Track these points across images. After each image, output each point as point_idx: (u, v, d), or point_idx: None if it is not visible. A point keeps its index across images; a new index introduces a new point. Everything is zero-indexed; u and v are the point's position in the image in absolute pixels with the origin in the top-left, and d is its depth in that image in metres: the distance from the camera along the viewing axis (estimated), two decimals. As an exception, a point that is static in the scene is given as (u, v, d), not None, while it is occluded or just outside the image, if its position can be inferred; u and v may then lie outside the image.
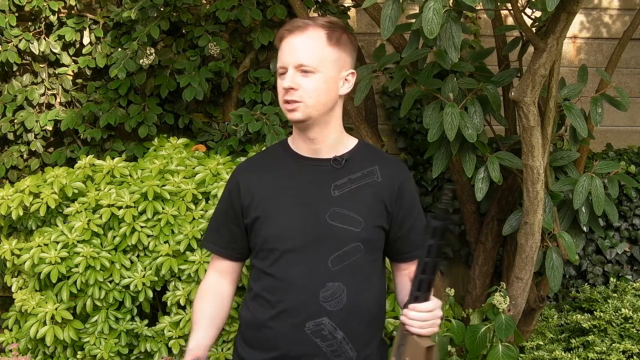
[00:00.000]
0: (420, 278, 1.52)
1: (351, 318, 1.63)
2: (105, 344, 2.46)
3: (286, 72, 1.62)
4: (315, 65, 1.60)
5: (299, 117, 1.62)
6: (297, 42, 1.61)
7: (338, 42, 1.64)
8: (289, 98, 1.61)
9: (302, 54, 1.60)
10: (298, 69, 1.60)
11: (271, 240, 1.65)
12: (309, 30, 1.62)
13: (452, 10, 2.20)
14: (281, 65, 1.63)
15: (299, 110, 1.62)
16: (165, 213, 2.52)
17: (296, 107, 1.61)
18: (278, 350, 1.64)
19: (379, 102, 3.61)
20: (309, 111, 1.62)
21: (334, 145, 1.69)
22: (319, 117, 1.64)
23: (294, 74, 1.60)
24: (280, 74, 1.64)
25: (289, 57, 1.62)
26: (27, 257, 2.46)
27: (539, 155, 2.44)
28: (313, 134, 1.66)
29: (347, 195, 1.65)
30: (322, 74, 1.61)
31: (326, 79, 1.62)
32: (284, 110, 1.66)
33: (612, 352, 2.73)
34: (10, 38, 3.23)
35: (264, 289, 1.66)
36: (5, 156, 3.29)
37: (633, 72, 3.89)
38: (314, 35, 1.61)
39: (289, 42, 1.62)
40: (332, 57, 1.63)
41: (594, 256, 3.50)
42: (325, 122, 1.66)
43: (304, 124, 1.65)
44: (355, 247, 1.63)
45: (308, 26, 1.62)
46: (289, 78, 1.60)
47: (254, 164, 1.78)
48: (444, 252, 3.13)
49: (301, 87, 1.60)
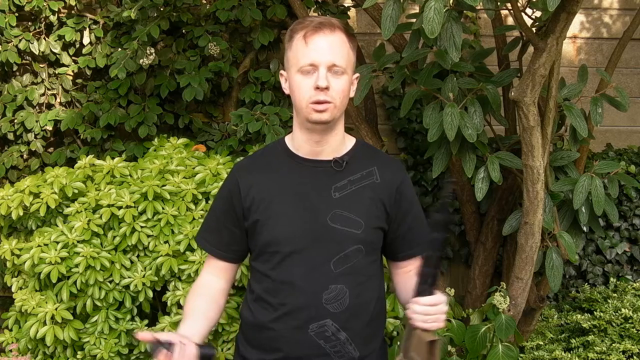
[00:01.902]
0: (425, 271, 1.52)
1: (354, 319, 1.63)
2: (105, 344, 2.46)
3: (315, 71, 1.57)
4: (345, 67, 1.60)
5: (326, 118, 1.60)
6: (329, 41, 1.58)
7: (353, 45, 1.65)
8: (321, 98, 1.57)
9: (335, 54, 1.58)
10: (330, 69, 1.58)
11: (273, 243, 1.64)
12: (337, 31, 1.60)
13: (452, 10, 2.20)
14: (311, 63, 1.57)
15: (328, 111, 1.59)
16: (165, 213, 2.52)
17: (326, 108, 1.59)
18: (281, 352, 1.64)
19: (379, 102, 3.61)
20: (336, 112, 1.61)
21: (336, 147, 1.68)
22: (337, 120, 1.64)
23: (326, 73, 1.58)
24: (306, 71, 1.58)
25: (321, 55, 1.57)
26: (27, 257, 2.46)
27: (539, 155, 2.44)
28: (323, 136, 1.65)
29: (348, 197, 1.65)
30: (347, 75, 1.61)
31: (349, 81, 1.63)
32: (307, 110, 1.59)
33: (612, 352, 2.73)
34: (10, 38, 3.23)
35: (266, 291, 1.66)
36: (5, 156, 3.29)
37: (633, 72, 3.89)
38: (341, 37, 1.61)
39: (318, 40, 1.58)
40: (352, 60, 1.64)
41: (594, 256, 3.50)
42: (336, 125, 1.66)
43: (324, 126, 1.62)
44: (356, 249, 1.64)
45: (335, 27, 1.60)
46: (324, 77, 1.56)
47: (254, 164, 1.76)
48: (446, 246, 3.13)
49: (332, 87, 1.58)
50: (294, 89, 1.62)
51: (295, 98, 1.62)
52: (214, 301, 1.75)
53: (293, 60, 1.61)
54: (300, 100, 1.60)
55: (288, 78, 1.65)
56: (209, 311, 1.73)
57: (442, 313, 1.55)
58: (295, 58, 1.60)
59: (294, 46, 1.61)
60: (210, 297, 1.74)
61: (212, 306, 1.74)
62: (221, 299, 1.77)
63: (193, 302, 1.73)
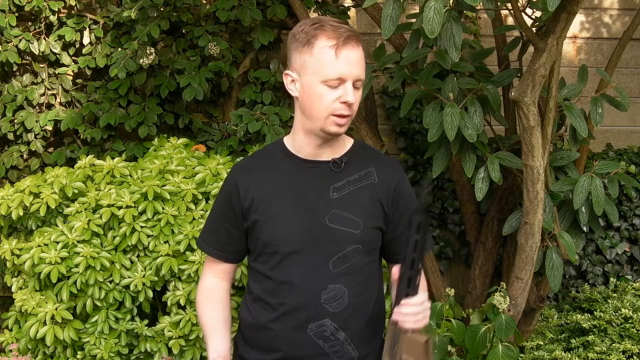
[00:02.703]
0: (409, 274, 1.51)
1: (352, 319, 1.63)
2: (105, 344, 2.46)
3: (342, 84, 1.57)
4: (364, 78, 1.62)
5: (344, 130, 1.63)
6: (355, 55, 1.58)
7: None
8: (345, 112, 1.58)
9: (360, 69, 1.59)
10: (355, 83, 1.59)
11: (272, 243, 1.65)
12: (359, 44, 1.60)
13: (452, 10, 2.20)
14: (339, 76, 1.56)
15: (347, 124, 1.61)
16: (165, 213, 2.52)
17: (347, 122, 1.61)
18: (280, 352, 1.64)
19: (379, 102, 3.61)
20: (350, 123, 1.63)
21: (335, 148, 1.69)
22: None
23: (352, 88, 1.58)
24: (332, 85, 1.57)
25: (350, 70, 1.57)
26: (27, 257, 2.46)
27: (539, 155, 2.44)
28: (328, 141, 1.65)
29: (346, 197, 1.65)
30: (362, 83, 1.62)
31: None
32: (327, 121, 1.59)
33: (612, 352, 2.73)
34: (10, 38, 3.23)
35: (265, 291, 1.66)
36: (5, 156, 3.29)
37: (633, 72, 3.89)
38: (362, 50, 1.61)
39: (348, 53, 1.56)
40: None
41: (594, 256, 3.50)
42: None
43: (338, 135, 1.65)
44: (355, 249, 1.64)
45: (358, 39, 1.60)
46: (351, 92, 1.57)
47: (253, 165, 1.75)
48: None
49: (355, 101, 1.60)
50: (312, 97, 1.59)
51: (314, 106, 1.59)
52: (225, 303, 1.77)
53: (317, 69, 1.57)
54: (320, 110, 1.59)
55: (303, 83, 1.60)
56: (226, 316, 1.76)
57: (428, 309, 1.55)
58: (320, 67, 1.56)
59: (318, 54, 1.56)
60: (220, 301, 1.77)
61: (226, 309, 1.77)
62: (228, 298, 1.80)
63: (211, 313, 1.75)
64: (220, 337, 1.72)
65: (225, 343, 1.72)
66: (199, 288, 1.81)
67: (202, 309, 1.77)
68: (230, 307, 1.79)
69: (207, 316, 1.75)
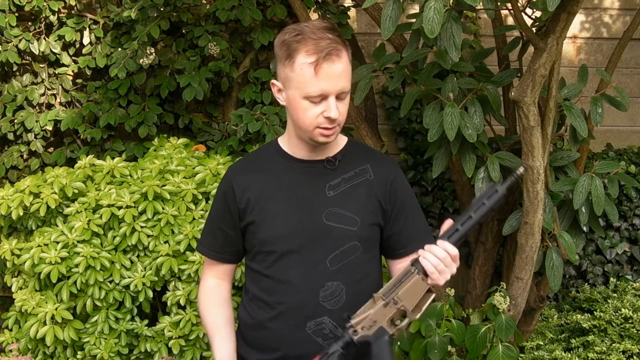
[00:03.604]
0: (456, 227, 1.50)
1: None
2: (105, 344, 2.46)
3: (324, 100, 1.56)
4: (349, 87, 1.60)
5: (333, 139, 1.62)
6: (337, 69, 1.55)
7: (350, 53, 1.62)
8: (330, 126, 1.58)
9: (343, 81, 1.57)
10: (339, 95, 1.57)
11: (268, 242, 1.65)
12: (342, 54, 1.56)
13: (452, 10, 2.20)
14: (321, 93, 1.54)
15: (335, 134, 1.61)
16: (165, 213, 2.52)
17: (334, 132, 1.60)
18: (279, 351, 1.64)
19: (379, 102, 3.61)
20: (339, 130, 1.63)
21: (329, 146, 1.69)
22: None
23: (335, 102, 1.56)
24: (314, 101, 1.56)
25: (332, 86, 1.55)
26: (27, 257, 2.46)
27: (539, 155, 2.44)
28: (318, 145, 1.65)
29: (342, 194, 1.65)
30: (349, 91, 1.61)
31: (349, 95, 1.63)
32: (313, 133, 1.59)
33: (612, 352, 2.73)
34: (10, 38, 3.23)
35: (262, 290, 1.67)
36: (5, 156, 3.29)
37: (633, 72, 3.89)
38: (346, 58, 1.58)
39: (327, 69, 1.53)
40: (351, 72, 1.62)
41: (594, 256, 3.50)
42: None
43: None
44: (352, 246, 1.64)
45: (340, 50, 1.56)
46: (334, 108, 1.55)
47: (248, 165, 1.76)
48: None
49: (340, 113, 1.58)
50: (297, 110, 1.59)
51: (299, 119, 1.59)
52: (227, 302, 1.78)
53: (299, 84, 1.55)
54: (306, 124, 1.59)
55: (288, 95, 1.60)
56: (229, 316, 1.77)
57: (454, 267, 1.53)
58: (301, 83, 1.55)
59: (299, 70, 1.54)
60: (223, 300, 1.77)
61: (228, 309, 1.78)
62: (230, 297, 1.80)
63: (214, 314, 1.75)
64: (224, 338, 1.72)
65: (231, 344, 1.71)
66: (201, 290, 1.81)
67: (205, 311, 1.77)
68: (229, 303, 1.79)
69: (210, 317, 1.75)
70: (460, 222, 1.51)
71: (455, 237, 1.51)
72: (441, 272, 1.51)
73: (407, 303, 1.50)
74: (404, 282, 1.51)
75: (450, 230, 1.52)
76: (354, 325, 1.52)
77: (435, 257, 1.50)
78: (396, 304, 1.50)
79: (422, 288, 1.50)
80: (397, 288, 1.51)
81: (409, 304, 1.50)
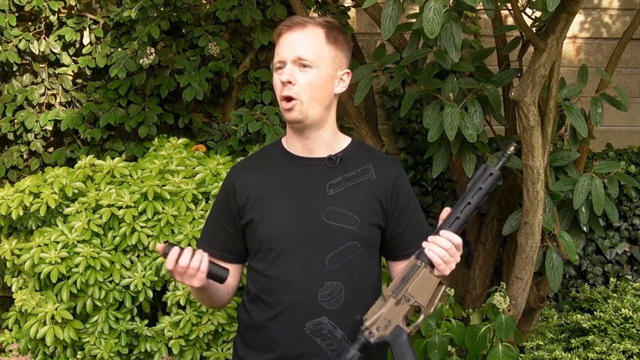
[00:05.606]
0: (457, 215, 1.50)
1: (349, 316, 1.62)
2: (105, 344, 2.46)
3: (283, 67, 1.63)
4: (313, 60, 1.61)
5: (295, 116, 1.63)
6: (297, 37, 1.62)
7: (336, 41, 1.66)
8: (285, 93, 1.62)
9: (301, 48, 1.61)
10: (296, 63, 1.61)
11: (267, 240, 1.65)
12: (308, 27, 1.63)
13: (452, 10, 2.20)
14: (279, 60, 1.64)
15: (295, 109, 1.63)
16: (166, 213, 2.52)
17: (293, 106, 1.62)
18: (278, 351, 1.64)
19: (379, 102, 3.61)
20: (305, 109, 1.63)
21: (329, 144, 1.69)
22: (314, 116, 1.65)
23: (292, 68, 1.61)
24: (277, 68, 1.64)
25: (287, 51, 1.62)
26: (27, 257, 2.46)
27: (539, 155, 2.44)
28: (308, 133, 1.67)
29: (343, 193, 1.65)
30: (318, 69, 1.62)
31: (322, 75, 1.63)
32: (281, 109, 1.66)
33: (612, 352, 2.73)
34: (10, 38, 3.23)
35: (262, 290, 1.67)
36: (5, 156, 3.29)
37: (633, 72, 3.89)
38: (313, 32, 1.63)
39: (288, 37, 1.63)
40: (330, 55, 1.64)
41: (594, 256, 3.50)
42: (320, 121, 1.67)
43: (300, 124, 1.66)
44: (351, 246, 1.64)
45: (307, 23, 1.63)
46: (287, 72, 1.61)
47: (249, 164, 1.78)
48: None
49: (298, 82, 1.61)
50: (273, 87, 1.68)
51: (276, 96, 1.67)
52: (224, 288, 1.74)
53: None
54: (277, 98, 1.66)
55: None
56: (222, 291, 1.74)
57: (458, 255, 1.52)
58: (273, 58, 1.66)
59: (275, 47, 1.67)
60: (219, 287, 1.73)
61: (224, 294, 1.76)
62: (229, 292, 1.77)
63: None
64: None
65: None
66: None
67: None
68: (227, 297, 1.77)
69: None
70: (460, 210, 1.51)
71: (456, 225, 1.51)
72: (447, 263, 1.51)
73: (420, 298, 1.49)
74: (411, 277, 1.50)
75: (451, 218, 1.51)
76: (369, 327, 1.52)
77: (440, 248, 1.50)
78: (409, 301, 1.49)
79: (433, 281, 1.50)
80: (406, 284, 1.50)
81: (422, 299, 1.49)
